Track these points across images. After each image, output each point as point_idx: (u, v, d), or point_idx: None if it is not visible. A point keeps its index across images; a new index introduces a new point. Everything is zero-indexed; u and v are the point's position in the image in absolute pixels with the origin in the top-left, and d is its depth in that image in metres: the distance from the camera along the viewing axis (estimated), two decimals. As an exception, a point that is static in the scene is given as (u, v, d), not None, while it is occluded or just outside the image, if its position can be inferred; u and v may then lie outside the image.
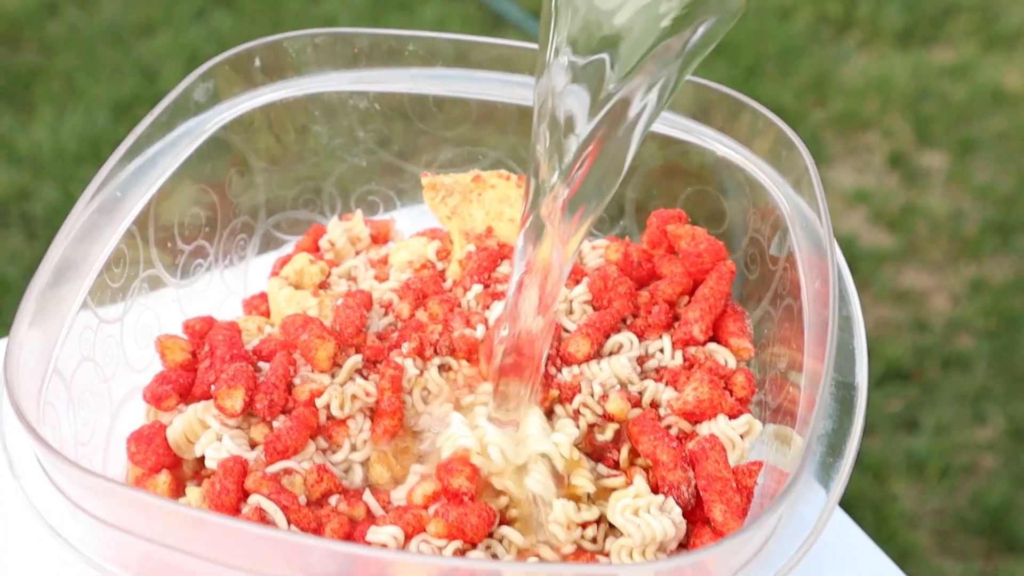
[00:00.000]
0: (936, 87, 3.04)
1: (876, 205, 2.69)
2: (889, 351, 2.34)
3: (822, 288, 0.81)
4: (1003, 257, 2.58)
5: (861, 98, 2.99)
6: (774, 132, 0.92)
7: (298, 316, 0.90)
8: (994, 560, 2.02)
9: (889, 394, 2.28)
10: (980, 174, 2.78)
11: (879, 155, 2.84)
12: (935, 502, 2.11)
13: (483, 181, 0.98)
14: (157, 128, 0.91)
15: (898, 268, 2.55)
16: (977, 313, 2.44)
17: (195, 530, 0.67)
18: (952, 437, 2.20)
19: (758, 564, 0.70)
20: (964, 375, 2.32)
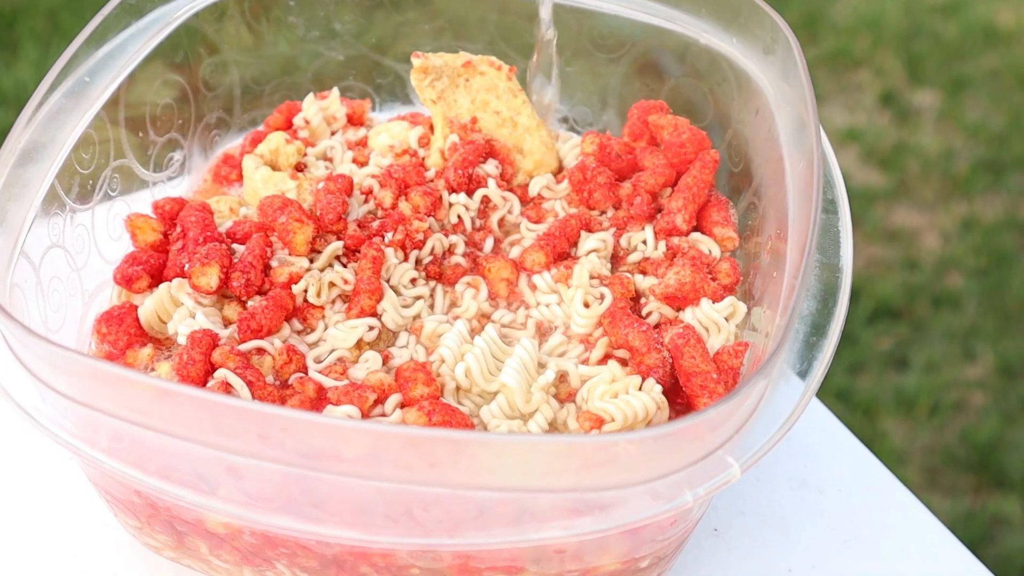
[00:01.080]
0: (928, 25, 3.01)
1: (868, 143, 2.67)
2: (880, 289, 2.33)
3: (805, 170, 0.79)
4: (994, 195, 2.57)
5: (853, 36, 2.96)
6: (759, 17, 0.90)
7: (276, 198, 0.88)
8: (982, 496, 2.01)
9: (879, 332, 2.27)
10: (972, 112, 2.76)
11: (871, 93, 2.81)
12: (924, 439, 2.10)
13: (473, 67, 0.95)
14: (126, 11, 0.88)
15: (889, 207, 2.54)
16: (967, 251, 2.43)
17: (159, 401, 0.65)
18: (942, 374, 2.19)
19: (738, 441, 0.69)
20: (954, 313, 2.31)
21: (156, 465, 0.69)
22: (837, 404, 2.13)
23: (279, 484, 0.67)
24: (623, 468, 0.65)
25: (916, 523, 0.91)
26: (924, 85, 2.84)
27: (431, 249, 0.90)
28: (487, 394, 0.82)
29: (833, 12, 3.05)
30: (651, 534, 0.75)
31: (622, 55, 1.00)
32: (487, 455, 0.65)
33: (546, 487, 0.65)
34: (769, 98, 0.89)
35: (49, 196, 0.81)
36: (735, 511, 0.91)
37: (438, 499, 0.66)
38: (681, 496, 0.67)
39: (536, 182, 0.96)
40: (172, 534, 0.79)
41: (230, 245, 0.87)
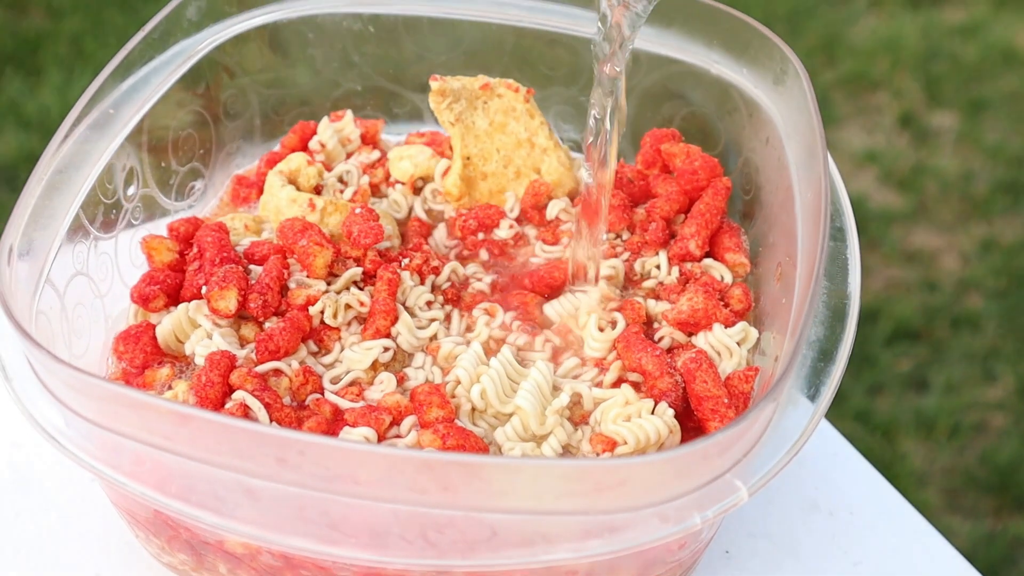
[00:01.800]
0: (946, 47, 3.02)
1: (886, 165, 2.67)
2: (899, 311, 2.33)
3: (814, 198, 0.80)
4: (1013, 217, 2.57)
5: (871, 58, 2.97)
6: (769, 48, 0.92)
7: (296, 221, 0.90)
8: (1003, 518, 2.01)
9: (899, 354, 2.27)
10: (990, 134, 2.76)
11: (889, 115, 2.82)
12: (944, 461, 2.10)
13: (491, 89, 0.97)
14: (150, 46, 0.90)
15: (908, 228, 2.54)
16: (987, 273, 2.43)
17: (180, 426, 0.67)
18: (961, 396, 2.19)
19: (747, 464, 0.70)
20: (974, 334, 2.31)
21: (176, 487, 0.71)
22: (856, 426, 2.13)
23: (296, 506, 0.69)
24: (632, 491, 0.66)
25: (928, 547, 0.92)
26: (942, 107, 2.85)
27: (448, 276, 0.92)
28: (502, 416, 0.83)
29: (851, 35, 3.06)
30: (661, 556, 0.76)
31: (635, 85, 1.02)
32: (499, 478, 0.66)
33: (557, 510, 0.67)
34: (779, 127, 0.91)
35: (74, 225, 0.83)
36: (746, 533, 0.92)
37: (451, 521, 0.68)
38: (690, 519, 0.69)
39: (554, 205, 0.98)
40: (192, 554, 0.81)
41: (247, 266, 0.89)
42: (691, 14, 0.96)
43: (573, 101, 1.05)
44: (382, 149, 1.05)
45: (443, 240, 0.98)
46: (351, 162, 1.01)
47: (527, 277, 0.93)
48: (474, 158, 0.98)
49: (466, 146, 0.97)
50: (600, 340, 0.87)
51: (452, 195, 0.98)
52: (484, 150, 0.98)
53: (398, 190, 1.00)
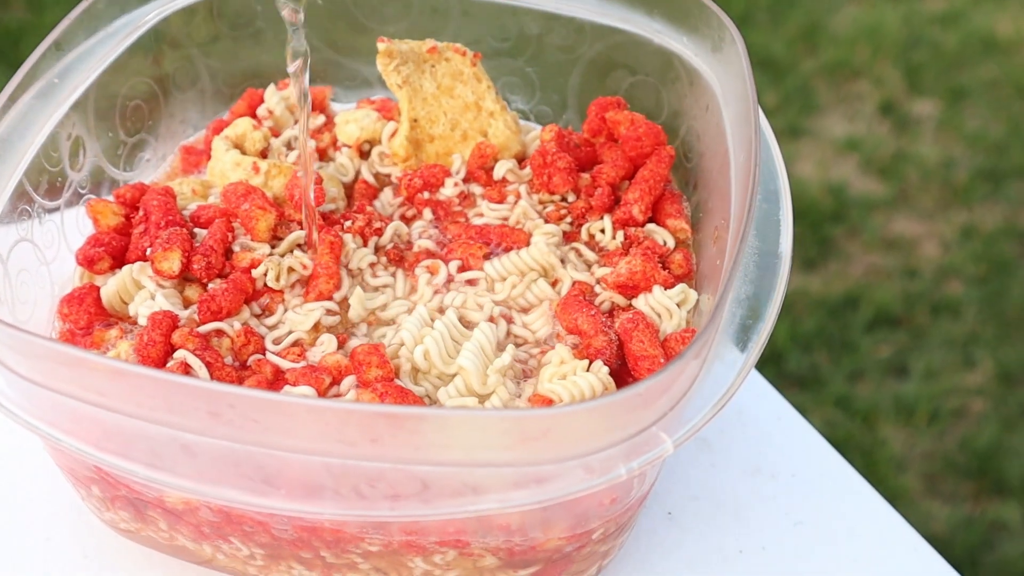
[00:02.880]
0: (927, 35, 3.03)
1: (867, 153, 2.68)
2: (879, 297, 2.34)
3: (745, 161, 0.81)
4: (993, 204, 2.58)
5: (852, 47, 2.98)
6: (707, 16, 0.93)
7: (240, 185, 0.91)
8: (982, 502, 2.02)
9: (879, 340, 2.28)
10: (971, 121, 2.77)
11: (870, 103, 2.83)
12: (924, 446, 2.11)
13: (439, 53, 0.98)
14: (93, 18, 0.91)
15: (889, 215, 2.55)
16: (967, 259, 2.43)
17: (114, 381, 0.68)
18: (941, 382, 2.20)
19: (673, 417, 0.71)
20: (954, 321, 2.32)
21: (114, 444, 0.72)
22: (836, 412, 2.14)
23: (231, 460, 0.70)
24: (557, 442, 0.67)
25: (867, 507, 0.93)
26: (923, 95, 2.86)
27: (391, 236, 0.93)
28: (446, 376, 0.84)
29: (832, 23, 3.07)
30: (592, 510, 0.77)
31: (580, 55, 1.03)
32: (425, 429, 0.67)
33: (483, 461, 0.68)
34: (718, 94, 0.92)
35: (17, 192, 0.84)
36: (689, 496, 0.93)
37: (382, 474, 0.69)
38: (615, 470, 0.69)
39: (501, 165, 0.99)
40: (134, 511, 0.82)
41: (192, 229, 0.90)
42: (635, -16, 0.98)
43: (520, 72, 1.06)
44: (328, 114, 1.06)
45: (389, 202, 0.99)
46: (298, 127, 1.02)
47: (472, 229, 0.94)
48: (421, 120, 0.99)
49: (413, 108, 0.98)
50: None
51: (399, 156, 0.99)
52: (431, 113, 0.99)
53: (344, 153, 1.01)
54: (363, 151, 1.02)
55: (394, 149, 0.99)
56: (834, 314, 2.32)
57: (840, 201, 2.56)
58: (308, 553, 0.80)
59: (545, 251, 0.90)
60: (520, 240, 0.93)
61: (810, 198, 2.55)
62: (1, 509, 0.92)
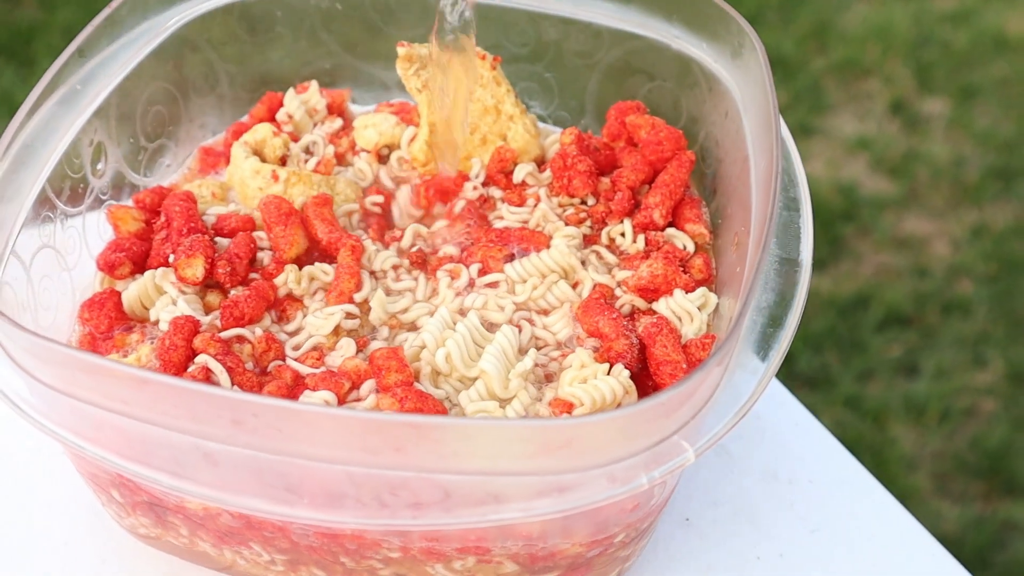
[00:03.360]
0: (937, 33, 3.02)
1: (877, 152, 2.68)
2: (890, 296, 2.34)
3: (766, 168, 0.81)
4: (1004, 203, 2.57)
5: (862, 45, 2.98)
6: (726, 22, 0.93)
7: (283, 204, 0.91)
8: (993, 502, 2.02)
9: (889, 339, 2.28)
10: (981, 120, 2.77)
11: (880, 102, 2.83)
12: (934, 445, 2.11)
13: None
14: (116, 24, 0.92)
15: (899, 214, 2.55)
16: (977, 258, 2.43)
17: (137, 390, 0.68)
18: (952, 381, 2.20)
19: (694, 426, 0.71)
20: (964, 320, 2.31)
21: (136, 451, 0.72)
22: (846, 411, 2.14)
23: (253, 468, 0.70)
24: (580, 451, 0.68)
25: (884, 512, 0.94)
26: (934, 93, 2.85)
27: (412, 239, 0.94)
28: (467, 380, 0.84)
29: (842, 21, 3.07)
30: (613, 517, 0.77)
31: (598, 60, 1.03)
32: (448, 438, 0.67)
33: (506, 470, 0.68)
34: (737, 100, 0.92)
35: (40, 199, 0.84)
36: (708, 502, 0.94)
37: (405, 482, 0.69)
38: (637, 479, 0.70)
39: (521, 168, 0.99)
40: (154, 517, 0.82)
41: (213, 236, 0.90)
42: (654, -11, 0.98)
43: (538, 77, 1.06)
44: (346, 118, 1.07)
45: (406, 205, 0.99)
46: (316, 132, 1.03)
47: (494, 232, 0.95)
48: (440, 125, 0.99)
49: (433, 112, 0.98)
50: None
51: (419, 161, 0.99)
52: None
53: (363, 158, 1.02)
54: (382, 156, 1.03)
55: (414, 154, 0.99)
56: (844, 314, 2.32)
57: (850, 200, 2.56)
58: (328, 559, 0.80)
59: (566, 253, 0.90)
60: (540, 243, 0.93)
61: (820, 197, 2.55)
62: (20, 513, 0.92)
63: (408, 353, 0.85)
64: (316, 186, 0.95)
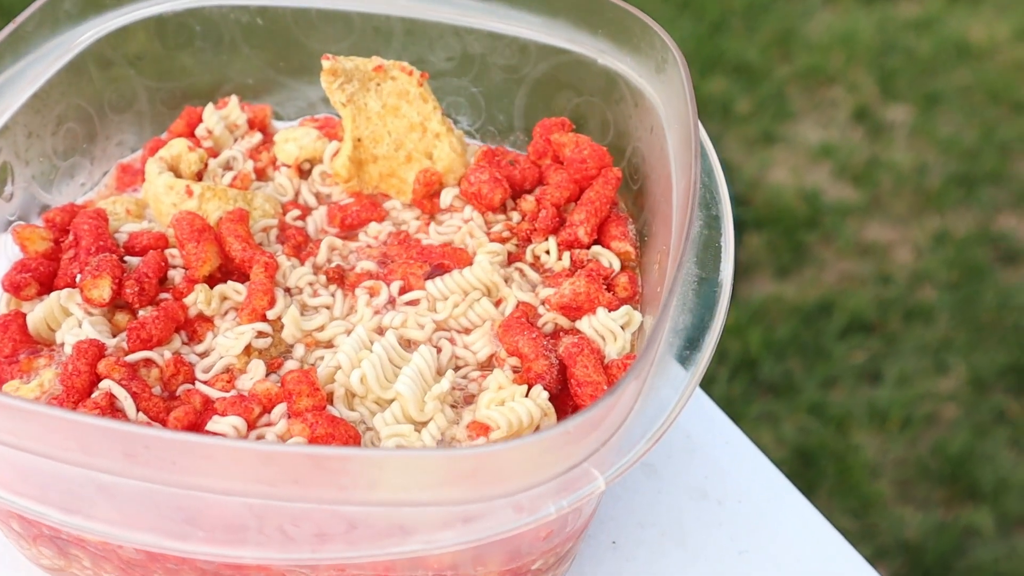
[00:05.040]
0: (901, 41, 3.02)
1: (841, 159, 2.68)
2: (852, 303, 2.33)
3: (686, 186, 0.80)
4: (966, 210, 2.57)
5: (826, 53, 2.98)
6: (650, 37, 0.91)
7: (196, 219, 0.89)
8: (954, 508, 2.01)
9: (852, 346, 2.27)
10: (944, 127, 2.77)
11: (844, 109, 2.82)
12: (897, 452, 2.10)
13: (384, 71, 0.97)
14: (22, 40, 0.89)
15: (862, 222, 2.54)
16: (940, 265, 2.43)
17: (26, 422, 0.66)
18: (914, 388, 2.19)
19: (606, 452, 0.69)
20: (926, 326, 2.31)
21: (30, 485, 0.70)
22: (810, 418, 2.13)
23: (150, 501, 0.68)
24: (485, 480, 0.66)
25: (813, 532, 0.92)
26: (897, 101, 2.85)
27: (327, 254, 0.92)
28: (383, 401, 0.82)
29: (806, 29, 3.07)
30: (526, 546, 0.76)
31: (525, 75, 1.01)
32: (347, 469, 0.65)
33: (409, 500, 0.66)
34: (662, 116, 0.90)
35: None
36: (635, 523, 0.92)
37: (306, 514, 0.67)
38: (544, 509, 0.68)
39: (447, 192, 0.97)
40: (56, 549, 0.80)
41: (123, 255, 0.88)
42: (577, 4, 0.96)
43: (465, 92, 1.04)
44: (267, 133, 1.05)
45: (323, 224, 0.97)
46: (236, 148, 1.01)
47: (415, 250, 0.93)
48: (365, 140, 0.97)
49: (357, 127, 0.96)
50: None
51: (341, 176, 0.97)
52: (375, 132, 0.97)
53: (283, 173, 1.00)
54: (303, 170, 1.01)
55: (336, 169, 0.97)
56: (808, 321, 2.32)
57: (814, 207, 2.55)
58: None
59: (488, 270, 0.89)
60: (463, 260, 0.91)
61: (784, 205, 2.54)
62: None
63: (322, 374, 0.83)
64: (232, 201, 0.93)
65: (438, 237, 0.95)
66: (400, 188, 0.98)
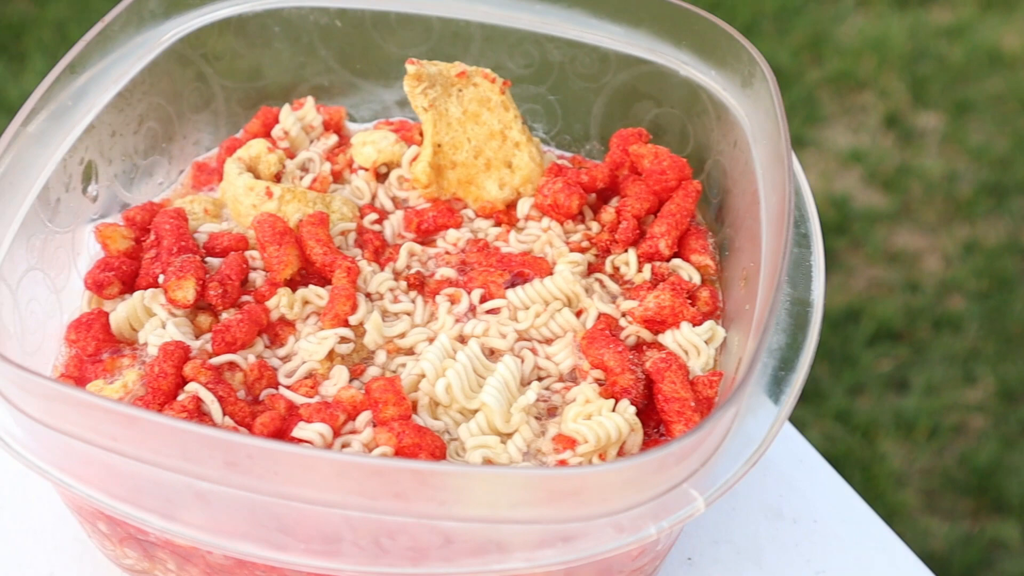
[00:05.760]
0: (933, 47, 3.01)
1: (871, 165, 2.67)
2: (880, 311, 2.32)
3: (778, 204, 0.79)
4: (996, 219, 2.56)
5: (857, 58, 2.96)
6: (737, 51, 0.91)
7: (278, 222, 0.89)
8: (981, 520, 2.01)
9: (880, 354, 2.27)
10: (975, 135, 2.76)
11: (874, 115, 2.81)
12: (923, 462, 2.10)
13: (467, 77, 0.96)
14: (109, 39, 0.89)
15: (891, 229, 2.54)
16: (969, 274, 2.42)
17: (127, 427, 0.66)
18: (942, 397, 2.18)
19: (704, 473, 0.69)
20: (955, 336, 2.30)
21: (125, 488, 0.70)
22: (836, 426, 2.13)
23: (246, 510, 0.68)
24: (587, 500, 0.66)
25: (892, 556, 0.92)
26: (928, 108, 2.84)
27: (406, 260, 0.92)
28: (467, 411, 0.82)
29: (838, 34, 3.05)
30: (617, 564, 0.75)
31: (604, 84, 1.01)
32: (452, 485, 0.65)
33: (510, 518, 0.66)
34: (747, 131, 0.90)
35: (28, 220, 0.82)
36: (709, 540, 0.92)
37: (404, 528, 0.67)
38: (645, 529, 0.68)
39: (524, 202, 0.97)
40: (142, 551, 0.80)
41: (204, 256, 0.88)
42: (660, 14, 0.95)
43: (542, 99, 1.04)
44: (343, 135, 1.04)
45: (399, 228, 0.97)
46: (313, 149, 1.00)
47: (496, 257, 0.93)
48: (445, 146, 0.96)
49: (438, 133, 0.96)
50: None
51: (420, 182, 0.97)
52: (455, 139, 0.96)
53: (360, 176, 0.99)
54: (380, 174, 1.00)
55: (415, 174, 0.97)
56: (835, 327, 2.31)
57: (843, 213, 2.54)
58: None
59: (570, 280, 0.88)
60: (543, 269, 0.91)
61: (813, 210, 2.53)
62: (5, 541, 0.90)
63: (406, 382, 0.82)
64: (311, 204, 0.93)
65: (518, 245, 0.94)
66: (477, 196, 0.98)
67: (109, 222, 0.90)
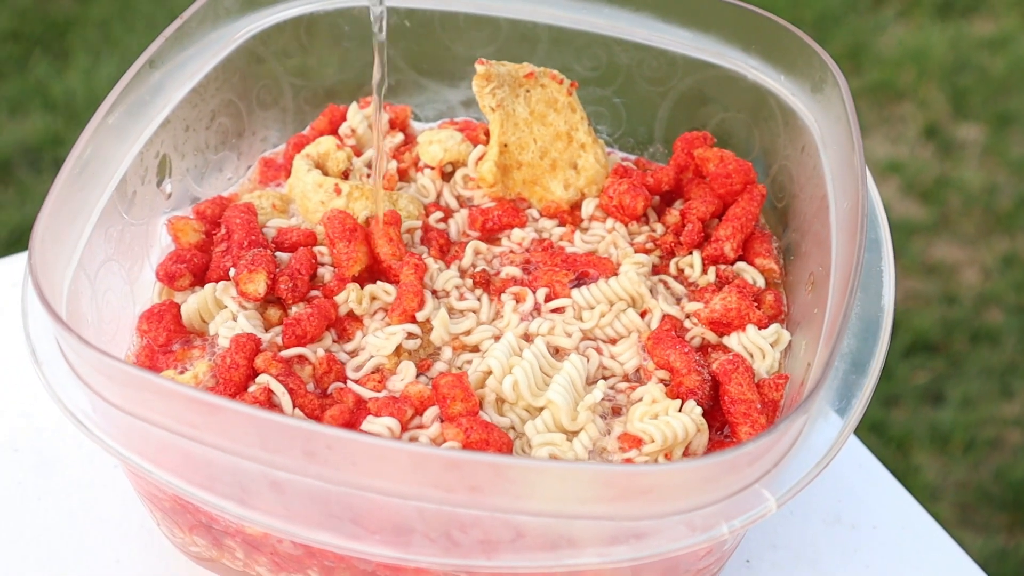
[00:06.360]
0: (975, 59, 3.00)
1: (909, 176, 2.66)
2: (917, 323, 2.32)
3: (851, 210, 0.80)
4: (1036, 233, 2.55)
5: (897, 68, 2.96)
6: (807, 55, 0.91)
7: (348, 219, 0.90)
8: (1016, 535, 2.00)
9: (916, 366, 2.26)
10: (1016, 148, 2.75)
11: (914, 126, 2.80)
12: (958, 475, 2.09)
13: (535, 78, 0.97)
14: (186, 34, 0.90)
15: (929, 240, 2.53)
16: (1008, 288, 2.41)
17: (207, 415, 0.67)
18: (978, 411, 2.17)
19: (776, 475, 0.69)
20: (992, 349, 2.29)
21: (200, 476, 0.71)
22: (871, 437, 2.12)
23: (321, 500, 0.69)
24: (660, 498, 0.66)
25: (949, 561, 0.92)
26: (968, 119, 2.83)
27: (472, 258, 0.93)
28: (533, 409, 0.82)
29: (878, 44, 3.05)
30: (684, 563, 0.76)
31: (670, 88, 1.01)
32: (527, 480, 0.66)
33: (583, 513, 0.66)
34: (816, 136, 0.90)
35: (106, 211, 0.83)
36: (768, 544, 0.92)
37: (476, 521, 0.67)
38: (717, 528, 0.68)
39: (588, 203, 0.98)
40: (211, 538, 0.81)
41: (274, 250, 0.89)
42: (729, 18, 0.96)
43: (607, 102, 1.04)
44: (408, 134, 1.05)
45: (464, 227, 0.98)
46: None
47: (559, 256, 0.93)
48: (511, 146, 0.97)
49: (504, 133, 0.96)
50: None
51: (486, 181, 0.98)
52: (522, 139, 0.97)
53: (426, 175, 1.00)
54: (445, 173, 1.01)
55: (482, 174, 0.98)
56: (872, 338, 2.30)
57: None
58: (388, 589, 0.79)
59: (636, 280, 0.89)
60: (608, 270, 0.92)
61: (853, 220, 2.52)
62: (72, 528, 0.91)
63: (472, 379, 0.83)
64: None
65: (583, 246, 0.95)
66: (542, 196, 0.98)
67: (180, 215, 0.91)
